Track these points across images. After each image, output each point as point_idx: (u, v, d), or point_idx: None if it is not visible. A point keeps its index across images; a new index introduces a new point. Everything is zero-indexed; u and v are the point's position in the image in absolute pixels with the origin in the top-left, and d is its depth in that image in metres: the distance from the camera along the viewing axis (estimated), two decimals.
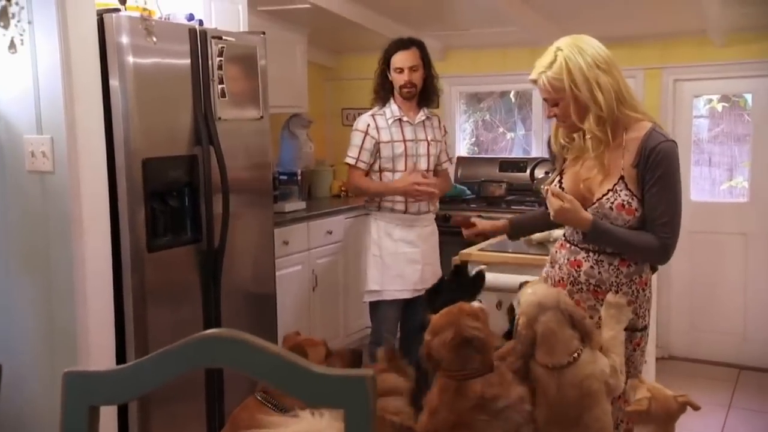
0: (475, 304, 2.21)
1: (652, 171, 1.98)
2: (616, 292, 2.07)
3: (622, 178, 2.02)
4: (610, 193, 2.02)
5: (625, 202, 2.01)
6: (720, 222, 4.44)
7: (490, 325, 2.01)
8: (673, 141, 2.03)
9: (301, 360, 0.97)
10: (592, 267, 2.09)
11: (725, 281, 4.47)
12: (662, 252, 2.03)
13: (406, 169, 3.44)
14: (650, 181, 1.99)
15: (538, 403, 1.89)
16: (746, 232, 4.42)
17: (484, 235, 2.49)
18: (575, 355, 1.88)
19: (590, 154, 2.04)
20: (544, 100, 2.10)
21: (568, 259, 2.14)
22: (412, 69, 3.40)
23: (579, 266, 2.11)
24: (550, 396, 1.87)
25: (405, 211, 3.46)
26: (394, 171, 3.46)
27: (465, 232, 2.55)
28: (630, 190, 2.01)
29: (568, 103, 2.01)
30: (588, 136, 2.03)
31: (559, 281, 2.17)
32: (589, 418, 1.87)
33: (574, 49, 1.99)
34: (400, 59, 3.40)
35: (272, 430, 1.47)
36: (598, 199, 2.04)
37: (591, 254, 2.10)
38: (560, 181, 2.17)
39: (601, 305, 2.06)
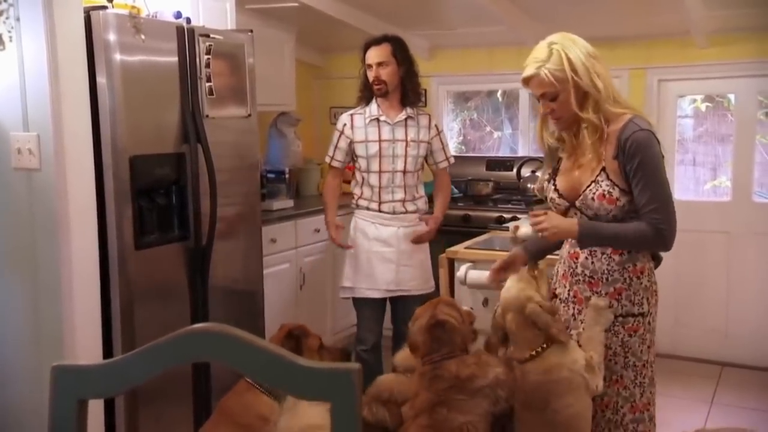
0: (465, 308, 2.30)
1: (630, 161, 2.02)
2: (608, 280, 2.12)
3: (603, 169, 2.07)
4: (593, 185, 2.07)
5: (606, 192, 2.05)
6: (703, 221, 4.49)
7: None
8: (649, 130, 2.04)
9: (288, 353, 0.98)
10: (586, 258, 2.14)
11: (708, 279, 4.52)
12: (658, 238, 2.03)
13: (380, 170, 3.40)
14: (631, 172, 2.03)
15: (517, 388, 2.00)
16: (729, 230, 4.48)
17: (512, 267, 2.31)
18: (538, 349, 2.00)
19: (587, 141, 2.06)
20: (541, 96, 2.08)
21: (568, 252, 2.21)
22: (379, 65, 3.36)
23: (576, 258, 2.17)
24: (518, 382, 1.99)
25: (379, 210, 3.42)
26: (369, 171, 3.42)
27: (492, 278, 2.37)
28: (611, 181, 2.06)
29: (568, 93, 2.03)
30: (584, 126, 2.06)
31: (562, 275, 2.24)
32: (558, 404, 1.94)
33: (568, 41, 2.05)
34: (369, 55, 3.39)
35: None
36: (582, 191, 2.10)
37: None
38: (554, 182, 2.20)
39: (597, 296, 2.12)
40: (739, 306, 4.45)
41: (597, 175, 2.07)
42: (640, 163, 2.01)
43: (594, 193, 2.06)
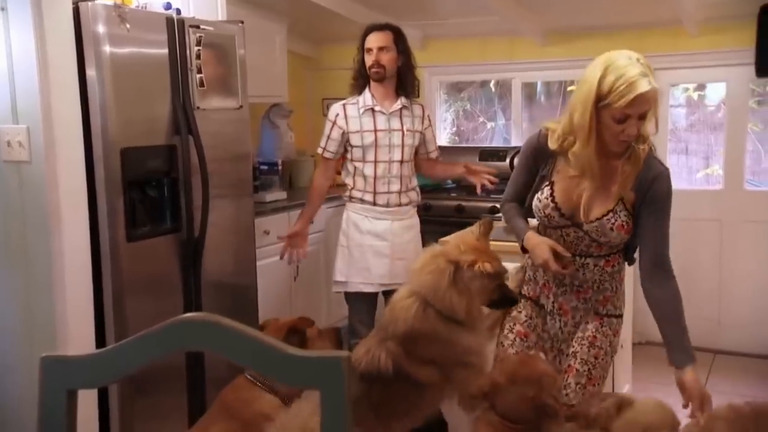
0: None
1: (652, 199, 2.05)
2: (599, 288, 2.18)
3: (621, 199, 2.07)
4: (611, 214, 2.07)
5: (624, 223, 2.08)
6: (696, 209, 4.51)
7: None
8: (667, 167, 2.10)
9: (277, 342, 0.98)
10: (577, 270, 2.16)
11: (701, 267, 4.54)
12: None
13: (376, 159, 3.38)
14: (650, 208, 2.06)
15: None
16: (721, 218, 4.50)
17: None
18: None
19: (639, 162, 2.03)
20: (640, 116, 1.94)
21: None
22: (380, 49, 3.35)
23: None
24: None
25: (373, 203, 3.40)
26: (364, 161, 3.39)
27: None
28: (627, 211, 2.08)
29: (653, 111, 1.96)
30: (642, 146, 2.03)
31: (544, 285, 2.25)
32: None
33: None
34: (371, 39, 3.38)
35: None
36: (597, 219, 2.08)
37: (577, 258, 2.16)
38: (552, 194, 2.13)
39: (582, 304, 2.17)
40: (731, 293, 4.47)
41: (615, 205, 2.06)
42: (666, 203, 2.07)
43: (613, 224, 2.07)
